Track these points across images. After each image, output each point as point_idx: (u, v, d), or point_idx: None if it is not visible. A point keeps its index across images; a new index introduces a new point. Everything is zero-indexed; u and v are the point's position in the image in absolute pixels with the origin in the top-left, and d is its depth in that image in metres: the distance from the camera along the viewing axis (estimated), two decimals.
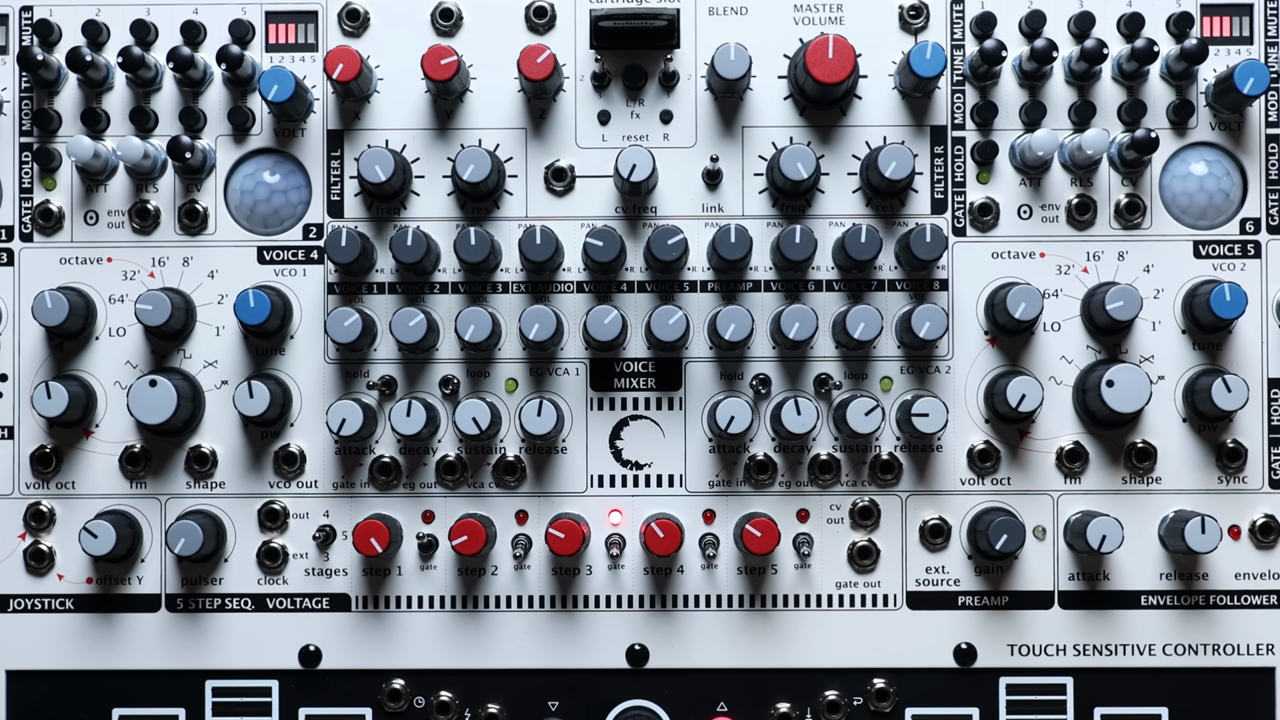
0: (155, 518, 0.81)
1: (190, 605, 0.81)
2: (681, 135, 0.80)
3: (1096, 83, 0.80)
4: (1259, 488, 0.80)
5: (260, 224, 0.81)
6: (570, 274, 0.80)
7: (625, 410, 0.80)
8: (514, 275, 0.80)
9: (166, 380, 0.77)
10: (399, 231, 0.77)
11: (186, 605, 0.81)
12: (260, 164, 0.81)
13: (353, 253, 0.77)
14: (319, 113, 0.80)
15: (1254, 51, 0.80)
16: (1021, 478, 0.80)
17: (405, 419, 0.77)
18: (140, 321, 0.77)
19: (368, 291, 0.80)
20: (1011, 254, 0.80)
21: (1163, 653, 0.80)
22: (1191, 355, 0.80)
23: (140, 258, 0.80)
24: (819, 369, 0.80)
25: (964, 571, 0.80)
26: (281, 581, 0.81)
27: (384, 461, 0.80)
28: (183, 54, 0.78)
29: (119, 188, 0.80)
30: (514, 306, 0.80)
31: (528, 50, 0.77)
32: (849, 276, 0.80)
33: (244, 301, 0.77)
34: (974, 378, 0.80)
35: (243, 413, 0.78)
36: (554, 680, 0.81)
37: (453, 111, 0.80)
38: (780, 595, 0.80)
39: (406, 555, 0.81)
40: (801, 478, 0.80)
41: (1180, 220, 0.80)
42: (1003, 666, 0.81)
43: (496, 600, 0.81)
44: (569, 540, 0.77)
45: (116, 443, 0.81)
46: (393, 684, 0.81)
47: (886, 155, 0.76)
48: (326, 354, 0.81)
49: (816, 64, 0.75)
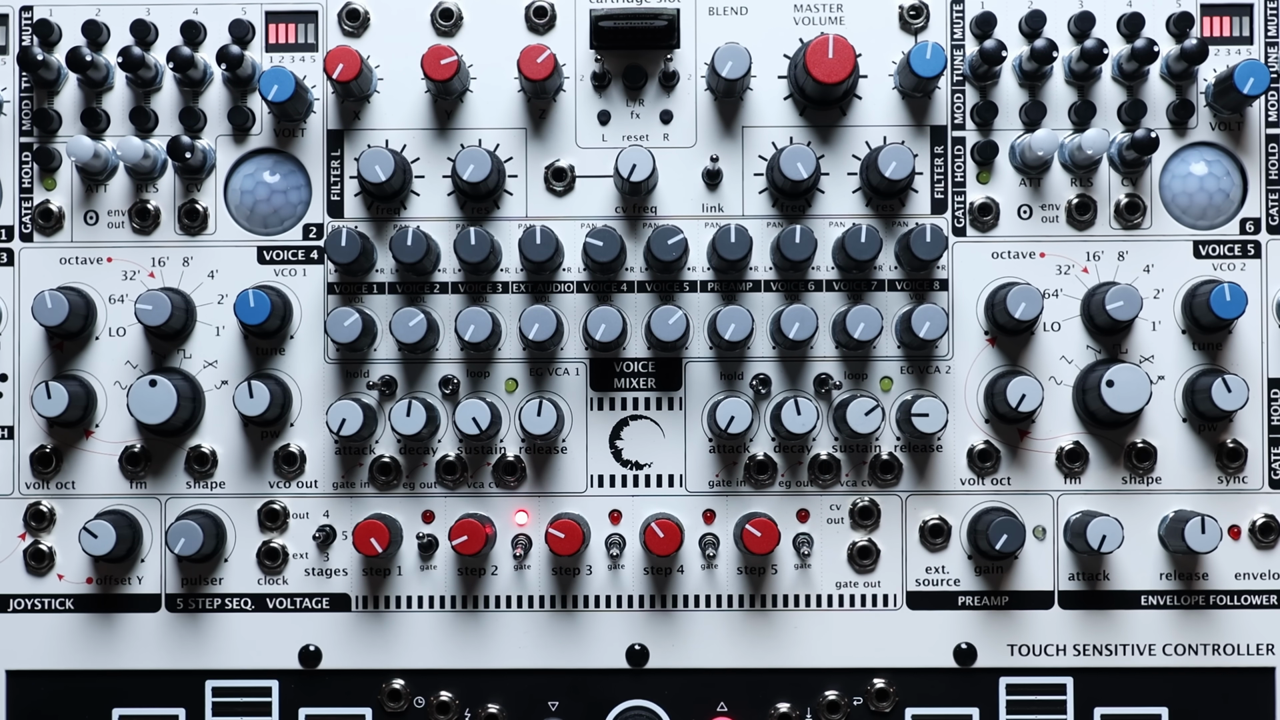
0: (155, 518, 0.81)
1: (190, 605, 0.81)
2: (681, 135, 0.80)
3: (1096, 83, 0.80)
4: (1259, 488, 0.80)
5: (260, 224, 0.81)
6: (570, 274, 0.80)
7: (625, 410, 0.81)
8: (514, 275, 0.80)
9: (166, 380, 0.77)
10: (399, 231, 0.77)
11: (186, 605, 0.81)
12: (260, 164, 0.81)
13: (353, 253, 0.77)
14: (319, 113, 0.80)
15: (1254, 51, 0.80)
16: (1021, 478, 0.80)
17: (405, 419, 0.77)
18: (140, 321, 0.77)
19: (368, 291, 0.80)
20: (1011, 254, 0.80)
21: (1163, 653, 0.80)
22: (1191, 355, 0.80)
23: (140, 258, 0.80)
24: (819, 369, 0.80)
25: (964, 571, 0.80)
26: (281, 581, 0.81)
27: (384, 461, 0.80)
28: (183, 54, 0.78)
29: (119, 188, 0.80)
30: (514, 306, 0.80)
31: (528, 50, 0.77)
32: (849, 276, 0.80)
33: (244, 301, 0.77)
34: (974, 378, 0.80)
35: (243, 413, 0.78)
36: (554, 680, 0.81)
37: (453, 111, 0.80)
38: (780, 595, 0.80)
39: (406, 555, 0.81)
40: (801, 478, 0.80)
41: (1180, 220, 0.80)
42: (1003, 666, 0.80)
43: (496, 600, 0.81)
44: (569, 540, 0.77)
45: (116, 443, 0.81)
46: (393, 684, 0.81)
47: (886, 155, 0.76)
48: (326, 354, 0.81)
49: (816, 64, 0.75)
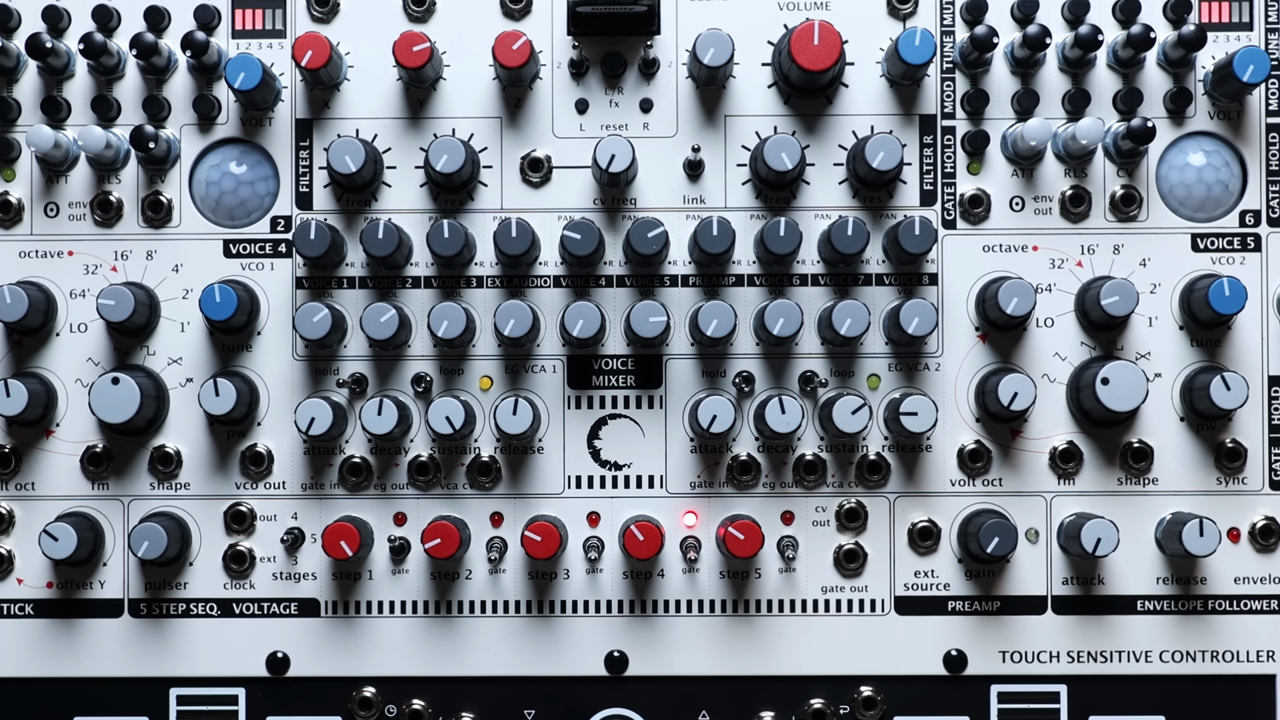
0: (118, 520, 0.80)
1: (154, 610, 0.80)
2: (662, 124, 0.80)
3: (1091, 70, 0.80)
4: (1259, 489, 0.80)
5: (226, 216, 0.80)
6: (547, 268, 0.80)
7: (604, 409, 0.80)
8: (489, 269, 0.80)
9: (129, 378, 0.77)
10: (370, 224, 0.76)
11: (150, 610, 0.80)
12: (226, 154, 0.80)
13: (322, 246, 0.76)
14: (287, 101, 0.80)
15: (1254, 38, 0.80)
16: (1013, 479, 0.80)
17: (376, 418, 0.76)
18: (102, 317, 0.77)
19: (337, 286, 0.80)
20: (1003, 247, 0.80)
21: (1159, 660, 0.80)
22: (1189, 352, 0.80)
23: (102, 251, 0.80)
24: (804, 366, 0.79)
25: (954, 576, 0.80)
26: (248, 586, 0.80)
27: (354, 462, 0.80)
28: (146, 40, 0.77)
29: (80, 179, 0.80)
30: (489, 302, 0.79)
31: (503, 36, 0.76)
32: (835, 271, 0.79)
33: (209, 296, 0.76)
34: (964, 375, 0.80)
35: (208, 411, 0.77)
36: (530, 688, 0.80)
37: (425, 100, 0.80)
38: (764, 600, 0.80)
39: (377, 559, 0.80)
40: (786, 479, 0.80)
41: (1178, 212, 0.80)
42: (994, 674, 0.80)
43: (470, 605, 0.80)
44: (546, 543, 0.77)
45: (78, 442, 0.80)
46: (363, 692, 0.80)
47: (874, 145, 0.76)
48: (295, 351, 0.80)
49: (802, 51, 0.75)
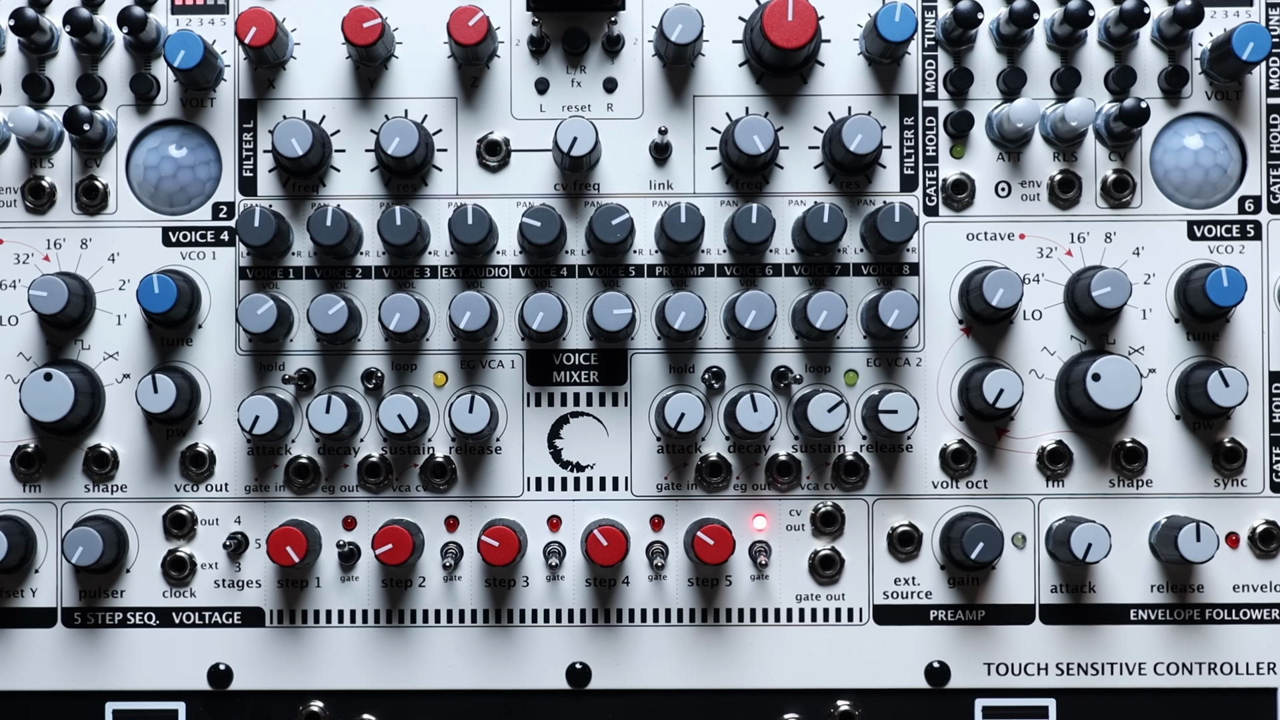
0: (50, 524, 0.79)
1: (89, 620, 0.79)
2: (627, 105, 0.79)
3: (1081, 48, 0.79)
4: (1259, 491, 0.79)
5: (165, 202, 0.80)
6: (505, 257, 0.79)
7: (565, 406, 0.79)
8: (443, 259, 0.79)
9: (63, 374, 0.76)
10: (317, 211, 0.76)
11: (85, 620, 0.79)
12: (165, 137, 0.80)
13: (267, 234, 0.75)
14: (230, 81, 0.79)
15: (1253, 14, 0.79)
16: (999, 480, 0.79)
17: (324, 416, 0.76)
18: (34, 309, 0.76)
19: (283, 276, 0.79)
20: (988, 235, 0.79)
21: (1154, 672, 0.80)
22: (1185, 346, 0.79)
23: (34, 239, 0.79)
24: (777, 361, 0.79)
25: (936, 583, 0.79)
26: (188, 594, 0.79)
27: (301, 463, 0.79)
28: (80, 16, 0.77)
29: (11, 162, 0.79)
30: (443, 293, 0.79)
31: (458, 12, 0.76)
32: (810, 260, 0.79)
33: (148, 287, 0.76)
34: (947, 371, 0.79)
35: (146, 409, 0.77)
36: (487, 702, 0.80)
37: (376, 79, 0.79)
38: (735, 609, 0.79)
39: (325, 565, 0.79)
40: (758, 480, 0.79)
41: (1173, 198, 0.80)
42: (979, 687, 0.80)
43: (424, 615, 0.79)
44: (504, 549, 0.76)
45: (8, 442, 0.79)
46: (310, 706, 0.80)
47: (851, 127, 0.75)
48: (238, 345, 0.79)
49: (775, 27, 0.75)
